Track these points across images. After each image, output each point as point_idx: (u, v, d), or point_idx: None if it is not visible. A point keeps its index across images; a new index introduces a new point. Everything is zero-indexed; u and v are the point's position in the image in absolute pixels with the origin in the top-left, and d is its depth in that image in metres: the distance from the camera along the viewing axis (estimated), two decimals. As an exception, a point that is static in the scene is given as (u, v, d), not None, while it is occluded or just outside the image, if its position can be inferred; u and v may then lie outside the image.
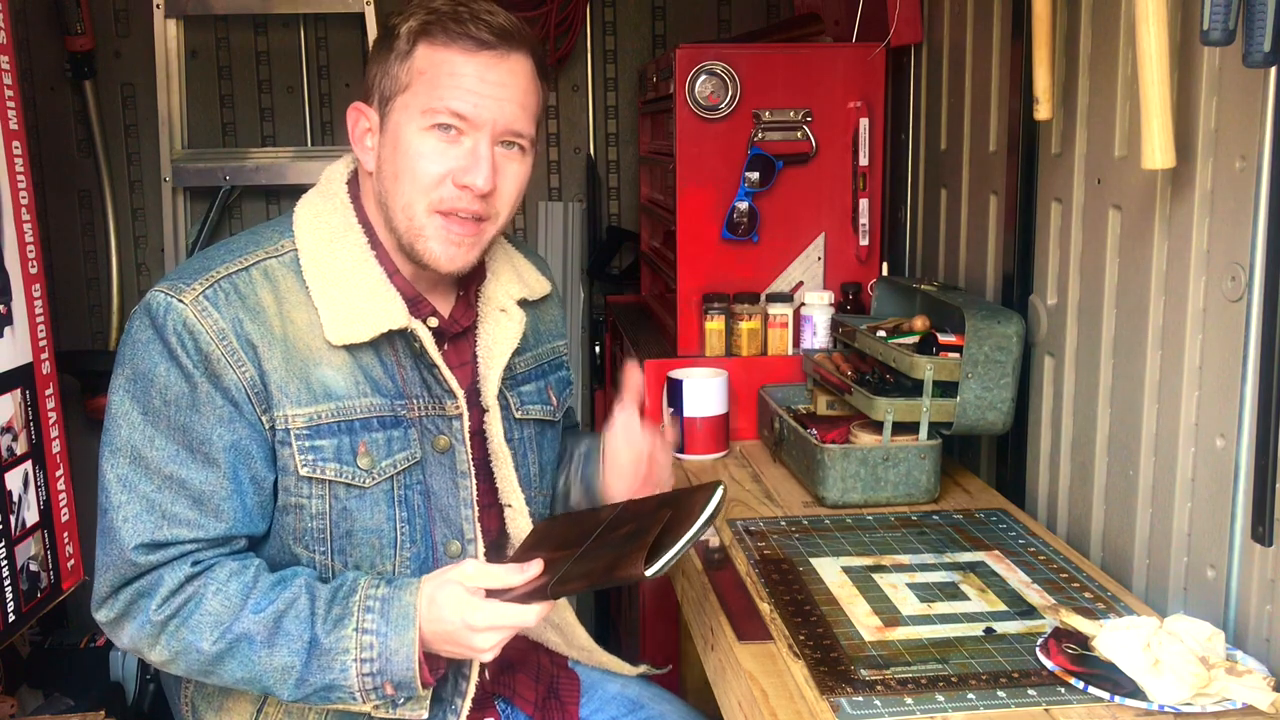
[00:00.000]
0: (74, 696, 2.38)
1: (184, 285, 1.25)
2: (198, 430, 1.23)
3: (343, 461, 1.27)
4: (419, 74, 1.28)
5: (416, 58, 1.28)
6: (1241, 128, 1.28)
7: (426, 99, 1.28)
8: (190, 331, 1.23)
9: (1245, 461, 1.28)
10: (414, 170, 1.28)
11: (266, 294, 1.28)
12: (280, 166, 2.93)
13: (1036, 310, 1.80)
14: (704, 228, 2.22)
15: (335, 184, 1.38)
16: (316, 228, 1.33)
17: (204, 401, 1.23)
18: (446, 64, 1.27)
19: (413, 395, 1.33)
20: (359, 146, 1.35)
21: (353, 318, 1.28)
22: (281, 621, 1.21)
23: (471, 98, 1.27)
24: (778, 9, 3.10)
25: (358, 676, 1.21)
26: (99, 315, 3.03)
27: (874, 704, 1.16)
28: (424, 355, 1.32)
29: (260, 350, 1.25)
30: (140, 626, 1.23)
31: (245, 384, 1.24)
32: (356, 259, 1.32)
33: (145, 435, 1.23)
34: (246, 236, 1.35)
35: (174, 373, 1.23)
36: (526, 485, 1.44)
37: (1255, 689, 1.13)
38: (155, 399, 1.23)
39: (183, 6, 2.85)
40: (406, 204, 1.29)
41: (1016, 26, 1.81)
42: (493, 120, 1.28)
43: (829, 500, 1.75)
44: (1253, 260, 1.26)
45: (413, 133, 1.28)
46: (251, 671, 1.22)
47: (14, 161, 1.89)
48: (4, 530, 1.83)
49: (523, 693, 1.48)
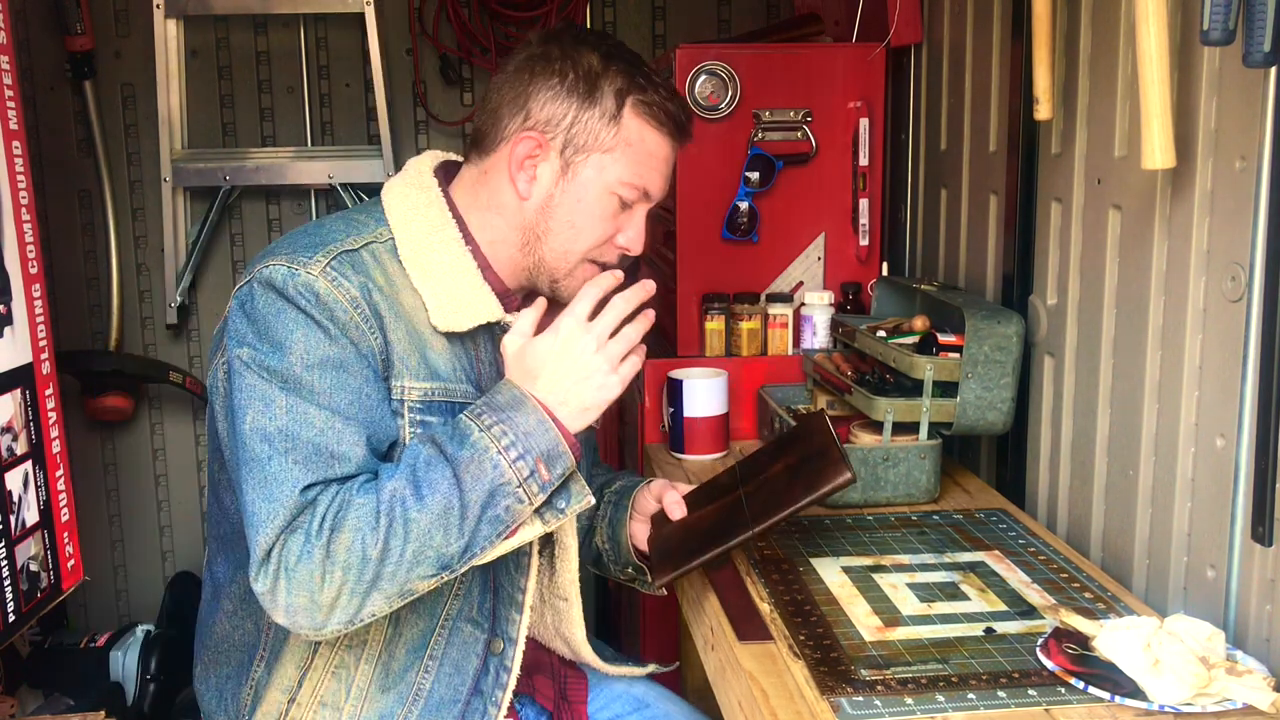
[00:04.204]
0: (74, 696, 2.38)
1: (306, 258, 1.27)
2: (348, 388, 1.24)
3: None
4: (626, 144, 1.35)
5: (627, 126, 1.35)
6: (1241, 128, 1.28)
7: (631, 172, 1.36)
8: (323, 300, 1.24)
9: (1245, 461, 1.28)
10: (591, 227, 1.37)
11: (379, 274, 1.31)
12: (280, 166, 2.93)
13: (1036, 310, 1.80)
14: (704, 228, 2.22)
15: (426, 176, 1.41)
16: (412, 219, 1.36)
17: (351, 361, 1.25)
18: (656, 146, 1.38)
19: (488, 388, 1.35)
20: (519, 170, 1.36)
21: (455, 307, 1.33)
22: (418, 473, 1.20)
23: (663, 183, 1.39)
24: (778, 9, 3.10)
25: (509, 466, 1.21)
26: (99, 315, 3.03)
27: (874, 704, 1.16)
28: None
29: (386, 321, 1.28)
30: (304, 559, 1.16)
31: (377, 349, 1.27)
32: (454, 253, 1.36)
33: (292, 402, 1.22)
34: (340, 222, 1.37)
35: (315, 336, 1.24)
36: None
37: (1255, 689, 1.13)
38: (297, 365, 1.22)
39: (183, 6, 2.85)
40: (567, 250, 1.38)
41: (1016, 26, 1.81)
42: (662, 197, 1.41)
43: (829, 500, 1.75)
44: (1253, 260, 1.26)
45: (602, 193, 1.36)
46: (419, 534, 1.18)
47: (14, 161, 1.89)
48: (4, 530, 1.83)
49: (543, 690, 1.51)
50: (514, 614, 1.40)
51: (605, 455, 2.89)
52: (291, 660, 1.34)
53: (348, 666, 1.33)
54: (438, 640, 1.35)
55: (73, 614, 2.98)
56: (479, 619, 1.38)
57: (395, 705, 1.33)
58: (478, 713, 1.36)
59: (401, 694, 1.34)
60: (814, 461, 1.41)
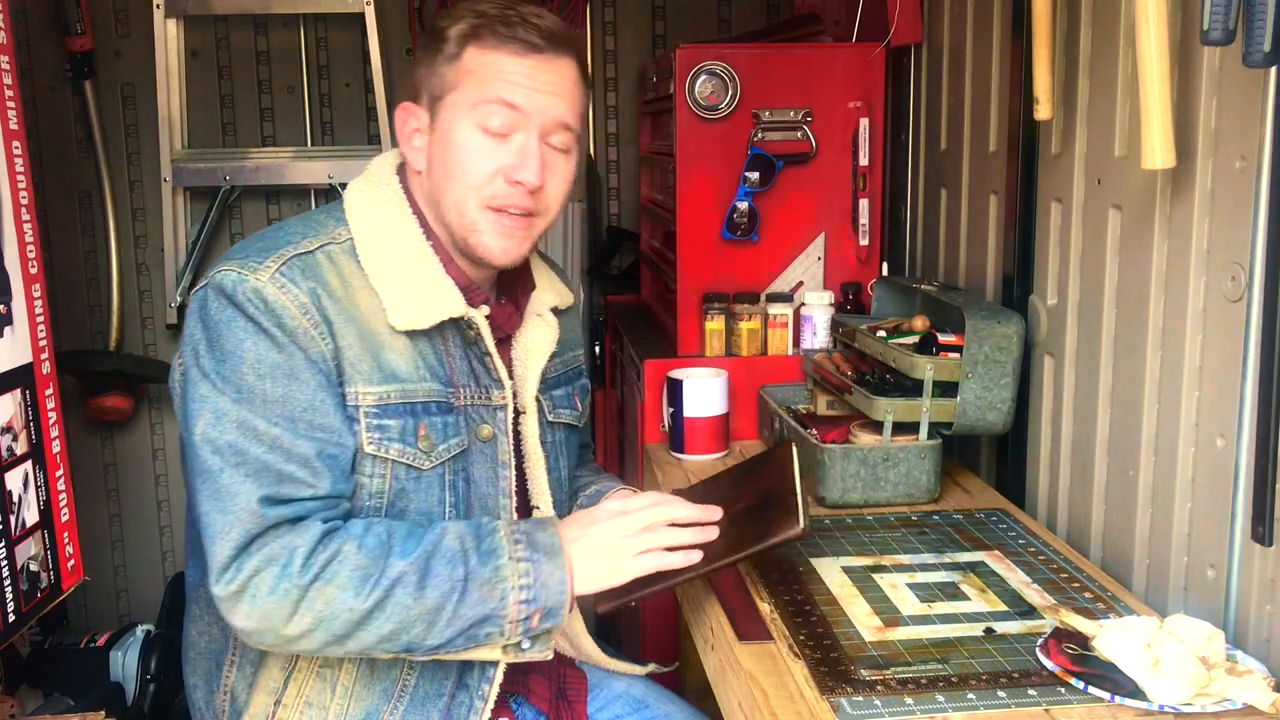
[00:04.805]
0: (74, 696, 2.38)
1: (256, 264, 1.26)
2: (298, 398, 1.24)
3: (406, 442, 1.29)
4: (467, 74, 1.31)
5: (465, 60, 1.31)
6: (1241, 128, 1.28)
7: (476, 93, 1.30)
8: (271, 307, 1.24)
9: (1245, 461, 1.28)
10: (465, 168, 1.31)
11: (333, 276, 1.30)
12: (280, 166, 2.93)
13: (1036, 310, 1.80)
14: (704, 228, 2.22)
15: (386, 174, 1.40)
16: (371, 217, 1.35)
17: (301, 369, 1.24)
18: (494, 64, 1.30)
19: (461, 384, 1.35)
20: (407, 145, 1.37)
21: (414, 304, 1.31)
22: (431, 563, 1.21)
23: (522, 90, 1.30)
24: (778, 9, 3.10)
25: (515, 604, 1.22)
26: (99, 315, 3.03)
27: (874, 704, 1.16)
28: (477, 343, 1.35)
29: (336, 326, 1.27)
30: (277, 593, 1.18)
31: (327, 355, 1.26)
32: (414, 249, 1.34)
33: (242, 415, 1.22)
34: (299, 224, 1.36)
35: (264, 345, 1.23)
36: (555, 488, 1.47)
37: (1255, 689, 1.13)
38: (248, 375, 1.23)
39: (183, 6, 2.85)
40: (458, 201, 1.32)
41: (1016, 26, 1.81)
42: (541, 112, 1.31)
43: (829, 500, 1.75)
44: (1253, 260, 1.26)
45: (463, 130, 1.31)
46: (401, 620, 1.20)
47: (14, 161, 1.89)
48: (4, 530, 1.83)
49: (538, 690, 1.50)
50: None
51: (605, 455, 2.90)
52: (276, 663, 1.33)
53: (332, 666, 1.33)
54: None
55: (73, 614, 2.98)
56: None
57: (381, 702, 1.33)
58: (464, 707, 1.35)
59: (387, 690, 1.34)
60: (771, 508, 1.37)
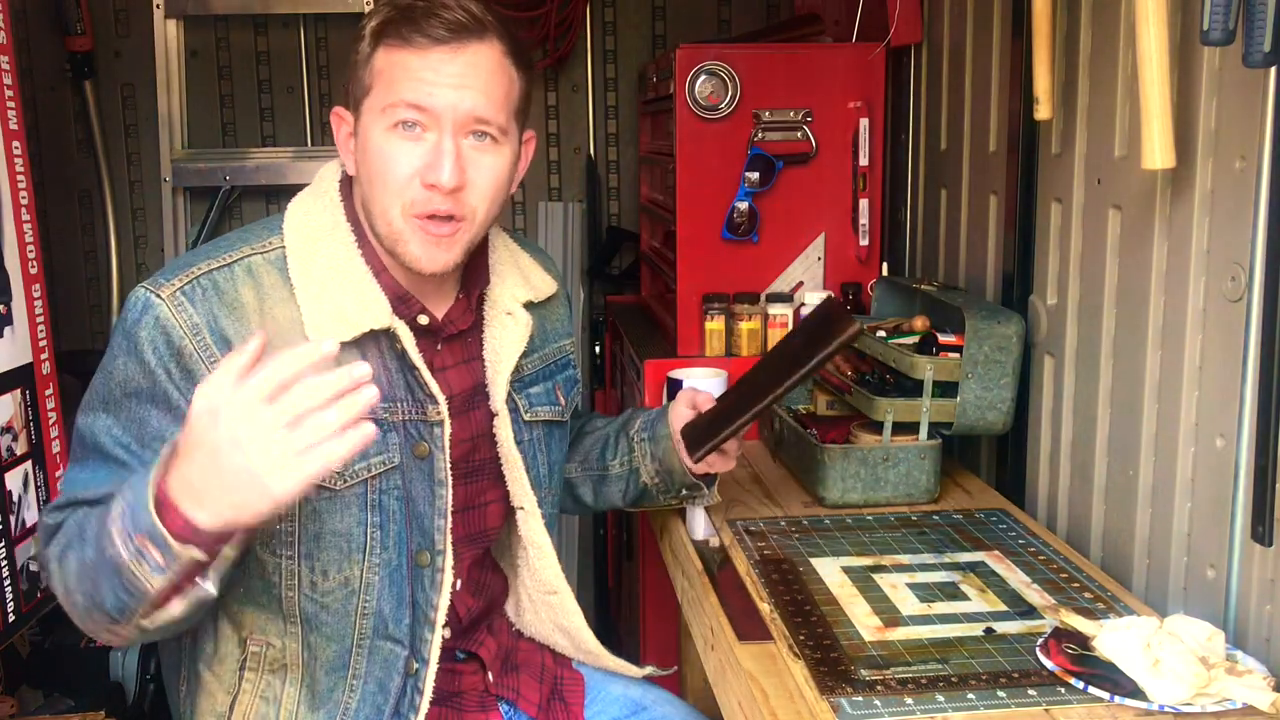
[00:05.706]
0: (74, 696, 2.38)
1: (164, 281, 1.25)
2: (152, 424, 1.23)
3: None
4: (378, 74, 1.27)
5: (376, 60, 1.27)
6: (1241, 128, 1.28)
7: (385, 95, 1.26)
8: (162, 327, 1.23)
9: (1245, 461, 1.28)
10: (383, 173, 1.27)
11: (248, 290, 1.27)
12: (280, 166, 2.93)
13: (1036, 310, 1.80)
14: (704, 228, 2.22)
15: (327, 182, 1.38)
16: (304, 225, 1.33)
17: (161, 397, 1.22)
18: (401, 64, 1.25)
19: (397, 399, 1.30)
20: (343, 151, 1.35)
21: (336, 316, 1.27)
22: (84, 531, 1.16)
23: (426, 88, 1.25)
24: (778, 9, 3.10)
25: (120, 536, 1.07)
26: (99, 315, 3.03)
27: (874, 704, 1.16)
28: (406, 356, 1.31)
29: (235, 346, 1.22)
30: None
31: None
32: (342, 256, 1.31)
33: (104, 422, 1.24)
34: (238, 234, 1.35)
35: (133, 366, 1.23)
36: (538, 486, 1.45)
37: (1255, 689, 1.13)
38: (116, 389, 1.24)
39: (183, 6, 2.85)
40: (384, 209, 1.28)
41: (1016, 26, 1.81)
42: (451, 108, 1.25)
43: (829, 500, 1.75)
44: (1253, 260, 1.26)
45: (378, 134, 1.27)
46: (81, 564, 1.14)
47: (14, 161, 1.89)
48: (4, 530, 1.83)
49: (526, 694, 1.48)
50: (427, 633, 1.33)
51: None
52: (219, 687, 1.32)
53: (274, 689, 1.31)
54: (358, 659, 1.31)
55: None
56: (399, 636, 1.32)
57: None
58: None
59: (330, 712, 1.31)
60: (822, 326, 1.46)
